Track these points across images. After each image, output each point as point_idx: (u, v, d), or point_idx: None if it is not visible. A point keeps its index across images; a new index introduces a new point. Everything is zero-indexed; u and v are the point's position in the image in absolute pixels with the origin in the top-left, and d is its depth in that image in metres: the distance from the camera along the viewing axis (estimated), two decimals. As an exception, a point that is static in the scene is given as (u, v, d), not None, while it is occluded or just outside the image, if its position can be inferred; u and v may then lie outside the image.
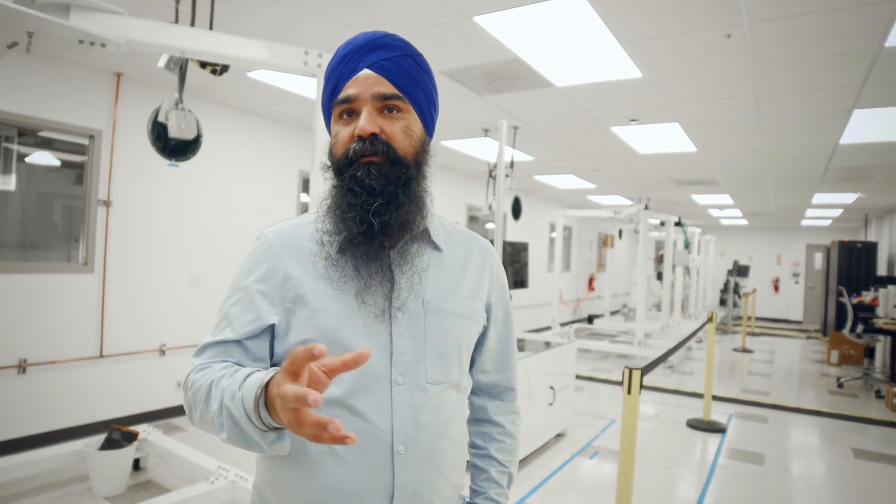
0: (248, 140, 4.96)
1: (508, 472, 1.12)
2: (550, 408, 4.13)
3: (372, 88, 0.88)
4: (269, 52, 2.46)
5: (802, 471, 3.94)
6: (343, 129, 0.90)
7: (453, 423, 0.97)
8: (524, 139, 5.70)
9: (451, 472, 0.97)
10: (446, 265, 1.00)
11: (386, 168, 0.88)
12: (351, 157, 0.88)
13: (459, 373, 0.98)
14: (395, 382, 0.90)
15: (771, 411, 5.51)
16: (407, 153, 0.90)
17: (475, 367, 1.11)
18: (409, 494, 0.89)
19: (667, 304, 8.67)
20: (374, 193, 0.87)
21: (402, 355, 0.91)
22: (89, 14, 2.21)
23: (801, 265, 14.57)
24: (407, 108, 0.91)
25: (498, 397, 1.15)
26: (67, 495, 3.10)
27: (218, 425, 0.80)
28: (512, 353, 1.15)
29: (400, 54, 0.91)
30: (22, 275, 3.60)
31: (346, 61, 0.91)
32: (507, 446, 1.13)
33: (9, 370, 3.53)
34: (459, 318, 0.97)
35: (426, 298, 0.94)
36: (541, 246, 10.63)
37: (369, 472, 0.87)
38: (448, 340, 0.95)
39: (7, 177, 3.70)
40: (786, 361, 8.58)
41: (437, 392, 0.94)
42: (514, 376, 1.16)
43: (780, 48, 3.12)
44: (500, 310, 1.10)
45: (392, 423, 0.89)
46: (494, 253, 1.11)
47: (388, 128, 0.89)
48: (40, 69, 3.65)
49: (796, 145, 5.37)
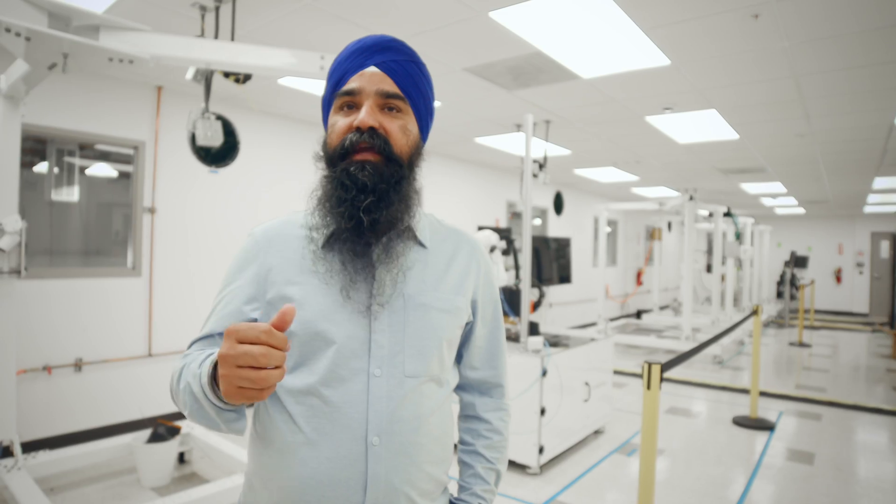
0: (284, 144, 5.12)
1: (495, 468, 1.12)
2: (586, 404, 4.07)
3: (377, 85, 0.91)
4: (286, 59, 2.55)
5: (858, 472, 3.73)
6: (341, 120, 0.93)
7: (434, 417, 0.98)
8: (558, 133, 5.63)
9: (430, 467, 0.97)
10: (430, 261, 1.01)
11: (381, 166, 0.90)
12: (347, 147, 0.90)
13: (440, 367, 0.99)
14: (373, 375, 0.91)
15: (826, 409, 5.24)
16: (402, 152, 0.93)
17: (463, 363, 1.12)
18: (383, 486, 0.90)
19: (716, 297, 8.37)
20: (366, 190, 0.88)
21: (380, 348, 0.92)
22: (117, 33, 2.35)
23: (866, 254, 13.72)
24: (406, 109, 0.94)
25: (487, 394, 1.16)
26: (118, 485, 3.30)
27: (182, 403, 0.86)
28: (501, 349, 1.16)
29: (406, 59, 0.95)
30: (78, 279, 3.86)
31: (355, 57, 0.93)
32: (495, 443, 1.13)
33: (66, 368, 3.78)
34: (441, 312, 0.98)
35: (407, 293, 0.96)
36: (585, 241, 10.46)
37: (343, 462, 0.89)
38: (428, 334, 0.96)
39: (70, 188, 3.98)
40: (847, 356, 8.13)
41: (415, 385, 0.95)
42: (502, 373, 1.16)
43: (815, 25, 2.97)
44: (487, 306, 1.11)
45: (367, 415, 0.90)
46: (483, 251, 1.12)
47: (387, 124, 0.91)
48: (90, 87, 3.89)
49: (847, 127, 5.08)
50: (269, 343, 0.68)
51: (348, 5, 2.87)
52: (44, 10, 2.20)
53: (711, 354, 7.33)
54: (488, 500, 1.10)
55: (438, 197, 7.03)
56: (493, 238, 3.91)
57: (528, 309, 3.75)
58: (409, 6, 2.87)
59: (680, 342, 7.47)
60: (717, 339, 3.69)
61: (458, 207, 7.36)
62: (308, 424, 0.90)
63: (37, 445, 3.50)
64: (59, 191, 3.94)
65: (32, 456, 3.04)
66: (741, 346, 8.51)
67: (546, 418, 3.57)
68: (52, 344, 3.73)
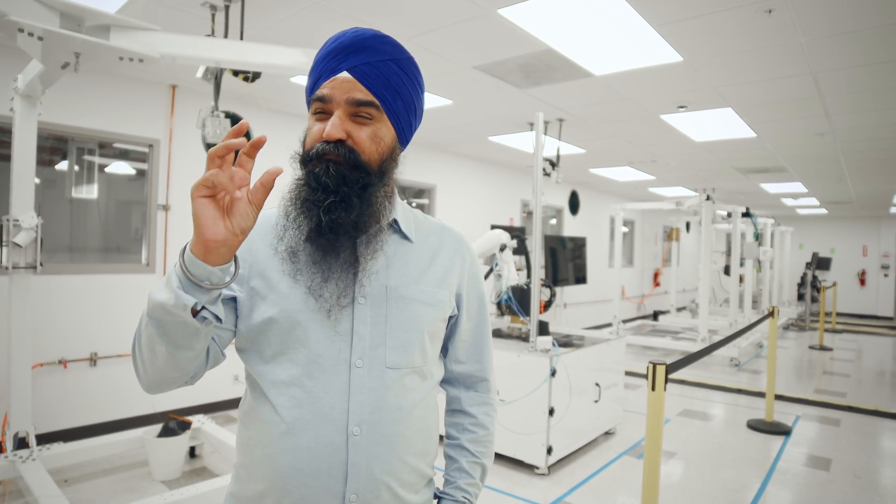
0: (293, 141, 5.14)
1: (480, 462, 1.12)
2: (596, 405, 4.03)
3: (346, 93, 0.89)
4: (294, 58, 2.56)
5: (876, 479, 3.64)
6: (315, 126, 0.93)
7: (417, 410, 0.99)
8: (572, 132, 5.59)
9: (412, 458, 0.98)
10: (414, 254, 1.02)
11: (345, 170, 0.89)
12: (313, 155, 0.90)
13: (422, 359, 1.00)
14: (354, 366, 0.92)
15: (846, 414, 5.12)
16: (371, 160, 0.91)
17: (449, 357, 1.13)
18: (364, 476, 0.91)
19: (734, 299, 8.23)
20: (328, 191, 0.88)
21: (361, 340, 0.93)
22: (127, 33, 2.38)
23: (892, 256, 13.38)
24: (379, 116, 0.92)
25: (472, 388, 1.17)
26: (130, 478, 3.35)
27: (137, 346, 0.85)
28: (486, 343, 1.16)
29: (384, 59, 0.92)
30: (93, 275, 3.93)
31: (329, 60, 0.92)
32: (480, 437, 1.14)
33: (82, 362, 3.86)
34: (423, 305, 0.99)
35: (390, 285, 0.97)
36: (601, 240, 10.37)
37: (324, 451, 0.90)
38: (410, 326, 0.97)
39: (90, 186, 4.06)
40: (870, 361, 7.94)
41: (398, 377, 0.96)
42: (488, 367, 1.17)
43: (832, 20, 2.90)
44: (472, 301, 1.12)
45: (348, 405, 0.91)
46: (468, 245, 1.12)
47: (355, 133, 0.90)
48: (107, 87, 3.96)
49: (868, 125, 4.96)
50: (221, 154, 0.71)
51: (357, 4, 2.88)
52: (56, 10, 2.24)
53: (728, 357, 7.22)
54: (472, 493, 1.10)
55: (452, 196, 7.01)
56: (504, 237, 3.89)
57: (537, 308, 3.72)
58: (417, 4, 2.87)
59: (696, 344, 7.37)
60: (728, 340, 3.63)
61: (471, 207, 7.34)
62: (289, 414, 0.91)
63: (51, 437, 3.57)
64: (79, 188, 4.02)
65: (47, 448, 3.10)
66: (759, 348, 8.36)
67: (555, 419, 3.54)
68: (68, 338, 3.80)
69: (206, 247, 0.74)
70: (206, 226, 0.73)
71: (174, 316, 0.77)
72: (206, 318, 0.80)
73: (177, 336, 0.80)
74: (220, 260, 0.76)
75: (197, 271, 0.76)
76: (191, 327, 0.79)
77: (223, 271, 0.78)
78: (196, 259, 0.75)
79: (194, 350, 0.84)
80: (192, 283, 0.76)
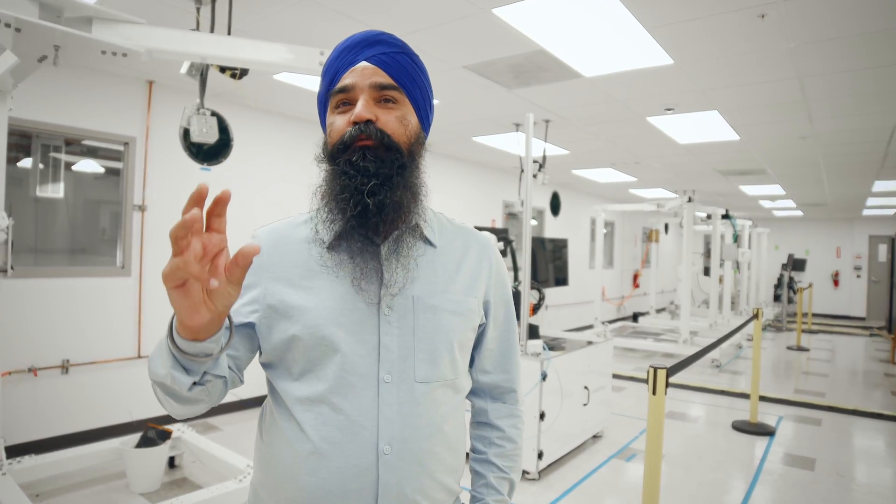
0: (278, 141, 5.03)
1: (508, 478, 1.08)
2: (585, 408, 4.01)
3: (369, 78, 0.89)
4: (285, 54, 2.47)
5: (858, 477, 3.69)
6: (339, 119, 0.91)
7: (447, 424, 0.95)
8: (557, 133, 5.57)
9: (443, 476, 0.94)
10: (440, 261, 0.98)
11: (381, 152, 0.88)
12: (346, 141, 0.88)
13: (453, 371, 0.96)
14: (383, 381, 0.89)
15: (826, 413, 5.20)
16: (401, 141, 0.90)
17: (475, 367, 1.08)
18: (395, 496, 0.87)
19: (714, 300, 8.33)
20: (369, 174, 0.86)
21: (389, 353, 0.90)
22: (110, 26, 2.27)
23: (864, 258, 13.71)
24: (403, 100, 0.92)
25: (499, 399, 1.12)
26: (106, 491, 3.21)
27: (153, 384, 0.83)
28: (514, 352, 1.12)
29: (397, 51, 0.93)
30: (65, 279, 3.77)
31: (346, 54, 0.92)
32: (508, 451, 1.09)
33: (53, 370, 3.69)
34: (452, 314, 0.95)
35: (416, 295, 0.93)
36: (582, 242, 10.41)
37: (354, 471, 0.86)
38: (439, 337, 0.93)
39: (56, 185, 3.88)
40: (845, 360, 8.10)
41: (428, 391, 0.92)
42: (515, 377, 1.13)
43: (821, 26, 2.92)
44: (500, 308, 1.08)
45: (378, 423, 0.87)
46: (495, 249, 1.08)
47: (383, 116, 0.89)
48: (79, 81, 3.79)
49: (849, 130, 5.04)
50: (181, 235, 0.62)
51: (348, 0, 2.80)
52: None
53: (710, 358, 7.29)
54: None
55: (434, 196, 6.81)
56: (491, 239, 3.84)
57: (527, 311, 3.69)
58: (411, 1, 2.80)
59: (678, 345, 7.43)
60: (720, 342, 3.64)
61: (454, 207, 7.28)
62: (317, 433, 0.87)
63: (22, 450, 3.40)
64: (45, 187, 3.84)
65: (17, 461, 2.95)
66: (739, 349, 8.47)
67: (546, 423, 3.51)
68: (38, 345, 3.63)
69: (191, 330, 0.72)
70: (187, 315, 0.69)
71: (175, 389, 0.78)
72: (210, 380, 0.81)
73: (181, 399, 0.82)
74: (209, 334, 0.74)
75: (190, 349, 0.74)
76: (195, 391, 0.80)
77: (216, 341, 0.76)
78: (186, 340, 0.74)
79: (204, 401, 0.85)
80: (189, 359, 0.75)
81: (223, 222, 0.70)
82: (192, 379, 0.77)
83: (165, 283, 0.66)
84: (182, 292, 0.67)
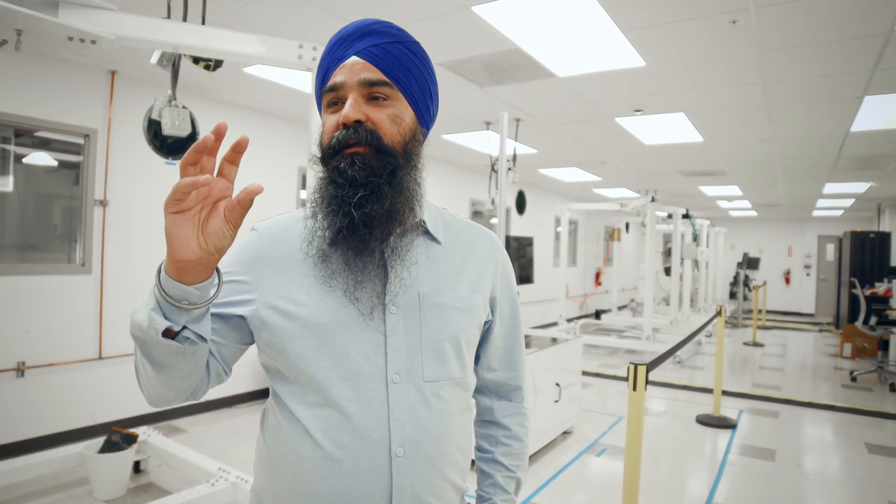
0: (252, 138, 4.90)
1: (515, 476, 1.07)
2: (557, 405, 4.06)
3: (358, 75, 0.85)
4: (263, 47, 2.40)
5: (815, 466, 3.85)
6: (330, 118, 0.88)
7: (456, 422, 0.93)
8: (527, 132, 5.62)
9: (453, 475, 0.93)
10: (445, 257, 0.96)
11: (371, 158, 0.84)
12: (335, 145, 0.84)
13: (461, 369, 0.94)
14: (391, 381, 0.86)
15: (783, 406, 5.41)
16: (394, 142, 0.86)
17: (480, 365, 1.07)
18: (408, 498, 0.85)
19: (675, 298, 8.56)
20: (357, 185, 0.83)
21: (396, 352, 0.87)
22: (79, 10, 2.15)
23: (813, 257, 14.38)
24: (396, 96, 0.87)
25: (505, 397, 1.11)
26: (68, 499, 3.07)
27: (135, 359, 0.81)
28: (519, 349, 1.10)
29: (390, 41, 0.88)
30: (19, 276, 3.58)
31: (336, 49, 0.89)
32: (514, 450, 1.08)
33: (7, 373, 3.50)
34: (458, 311, 0.93)
35: (422, 292, 0.90)
36: (546, 240, 10.54)
37: (366, 476, 0.83)
38: (445, 335, 0.91)
39: (4, 178, 3.67)
40: (798, 355, 8.46)
41: (436, 390, 0.90)
42: (521, 375, 1.11)
43: (787, 33, 3.03)
44: (506, 304, 1.06)
45: (389, 425, 0.85)
46: (500, 245, 1.06)
47: (374, 115, 0.85)
48: (34, 68, 3.61)
49: (806, 133, 5.25)
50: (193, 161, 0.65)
51: (325, -8, 2.75)
52: (-7, -21, 1.99)
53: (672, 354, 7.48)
54: None
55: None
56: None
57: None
58: (389, -4, 2.77)
59: (641, 342, 7.61)
60: (690, 338, 3.75)
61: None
62: (326, 438, 0.84)
63: (-25, 456, 3.22)
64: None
65: (-29, 469, 2.80)
66: (698, 345, 8.74)
67: (520, 420, 3.53)
68: (-8, 347, 3.44)
69: (179, 267, 0.70)
70: (178, 245, 0.69)
71: (151, 337, 0.74)
72: (189, 338, 0.76)
73: (158, 356, 0.77)
74: (196, 279, 0.72)
75: (173, 292, 0.71)
76: (172, 347, 0.75)
77: (202, 290, 0.73)
78: (171, 279, 0.71)
79: (180, 370, 0.80)
80: (170, 304, 0.72)
81: (234, 171, 0.71)
82: (168, 324, 0.72)
83: (166, 210, 0.67)
84: (180, 218, 0.68)
